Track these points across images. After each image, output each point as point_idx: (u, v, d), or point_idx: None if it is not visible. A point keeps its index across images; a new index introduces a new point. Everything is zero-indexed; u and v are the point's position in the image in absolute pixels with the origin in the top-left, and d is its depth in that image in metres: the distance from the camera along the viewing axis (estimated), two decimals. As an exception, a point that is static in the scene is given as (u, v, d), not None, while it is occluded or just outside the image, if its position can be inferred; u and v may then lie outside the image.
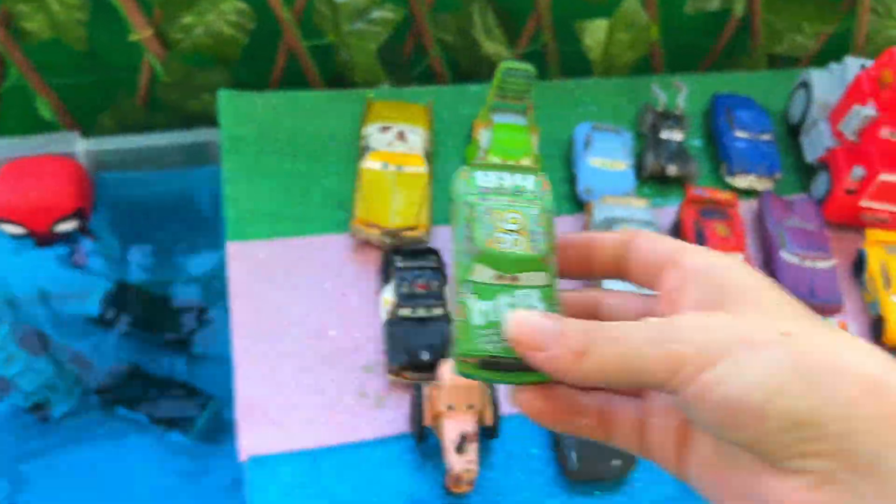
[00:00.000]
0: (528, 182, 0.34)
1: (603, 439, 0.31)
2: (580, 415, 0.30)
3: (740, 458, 0.25)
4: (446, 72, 1.11)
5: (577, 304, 0.31)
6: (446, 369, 0.67)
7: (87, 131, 0.99)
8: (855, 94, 0.88)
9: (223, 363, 0.83)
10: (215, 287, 0.95)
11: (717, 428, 0.25)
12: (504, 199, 0.32)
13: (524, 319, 0.27)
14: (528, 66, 0.35)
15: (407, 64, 1.11)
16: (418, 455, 0.70)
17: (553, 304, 0.29)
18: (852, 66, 0.93)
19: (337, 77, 1.08)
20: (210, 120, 0.95)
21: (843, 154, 0.90)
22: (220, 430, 0.91)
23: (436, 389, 0.67)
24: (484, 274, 0.29)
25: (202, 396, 0.90)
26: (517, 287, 0.29)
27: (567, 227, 0.89)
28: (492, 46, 1.07)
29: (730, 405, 0.23)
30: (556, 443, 0.71)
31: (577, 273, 0.31)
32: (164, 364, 0.95)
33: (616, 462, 0.69)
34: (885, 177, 0.85)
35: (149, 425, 0.88)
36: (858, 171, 0.86)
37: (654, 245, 0.29)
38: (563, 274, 0.30)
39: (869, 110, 0.85)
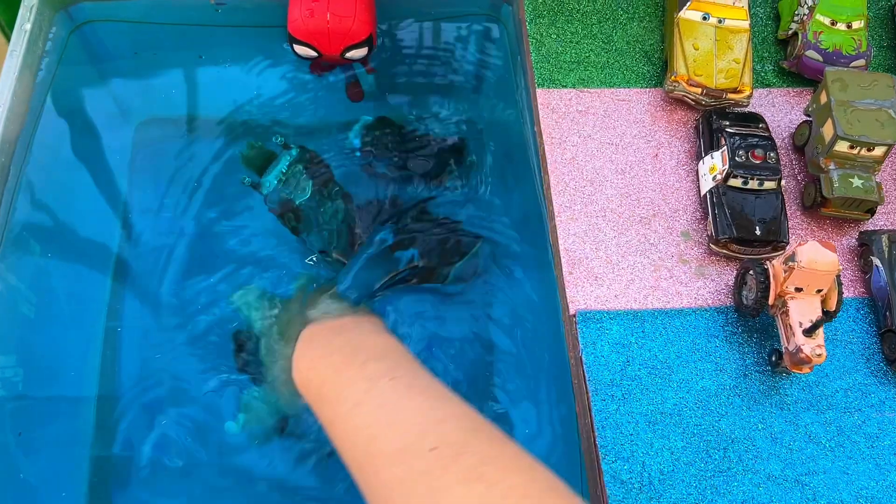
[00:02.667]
0: None
1: None
2: None
3: None
4: None
5: None
6: (806, 251, 0.64)
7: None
8: None
9: (484, 207, 0.82)
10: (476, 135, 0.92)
11: None
12: None
13: None
14: None
15: None
16: (740, 329, 0.70)
17: None
18: None
19: None
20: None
21: None
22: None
23: (787, 270, 0.65)
24: None
25: (469, 235, 0.89)
26: None
27: None
28: None
29: None
30: (883, 330, 0.69)
31: None
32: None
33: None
34: None
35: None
36: None
37: None
38: None
39: None
